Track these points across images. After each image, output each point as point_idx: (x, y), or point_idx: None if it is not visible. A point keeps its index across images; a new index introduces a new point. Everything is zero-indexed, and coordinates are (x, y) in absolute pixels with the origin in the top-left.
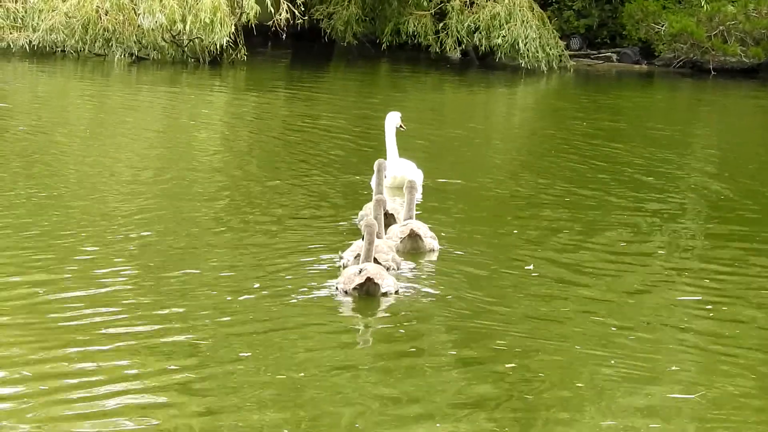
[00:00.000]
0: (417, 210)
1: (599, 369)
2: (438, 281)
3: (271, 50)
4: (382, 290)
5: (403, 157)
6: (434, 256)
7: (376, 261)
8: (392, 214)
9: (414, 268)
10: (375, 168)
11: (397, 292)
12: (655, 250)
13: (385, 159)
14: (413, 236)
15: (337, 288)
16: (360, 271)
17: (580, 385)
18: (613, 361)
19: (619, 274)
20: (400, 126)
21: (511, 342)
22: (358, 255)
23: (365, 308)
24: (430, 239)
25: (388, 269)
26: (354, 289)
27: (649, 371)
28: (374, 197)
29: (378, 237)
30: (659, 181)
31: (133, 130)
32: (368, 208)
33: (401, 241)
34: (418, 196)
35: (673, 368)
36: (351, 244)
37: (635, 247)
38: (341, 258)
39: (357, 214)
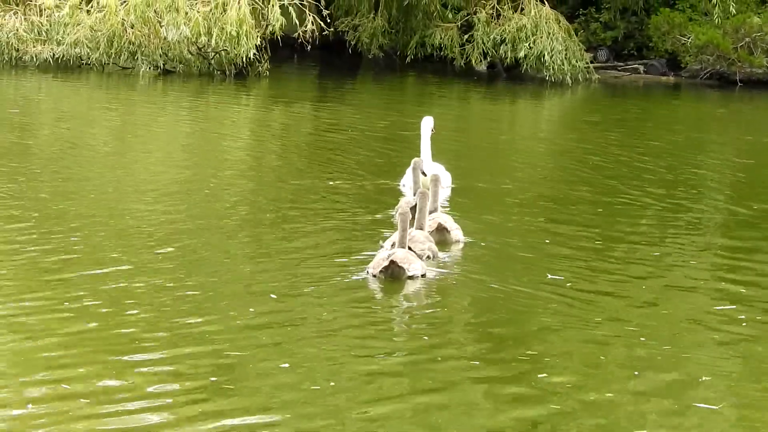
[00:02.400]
0: (447, 208)
1: (627, 376)
2: (464, 269)
3: (298, 62)
4: (408, 273)
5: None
6: (460, 246)
7: (411, 249)
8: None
9: (443, 257)
10: (411, 166)
11: (423, 276)
12: (684, 261)
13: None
14: (440, 230)
15: (367, 272)
16: (388, 256)
17: (609, 395)
18: (636, 372)
19: (648, 283)
20: (432, 130)
21: (533, 341)
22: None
23: (391, 290)
24: (456, 231)
25: (426, 257)
26: (380, 272)
27: (677, 380)
28: (419, 192)
29: (421, 228)
30: (686, 190)
31: (160, 141)
32: (404, 202)
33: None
34: (446, 193)
35: (703, 378)
36: (390, 236)
37: (663, 256)
38: (382, 247)
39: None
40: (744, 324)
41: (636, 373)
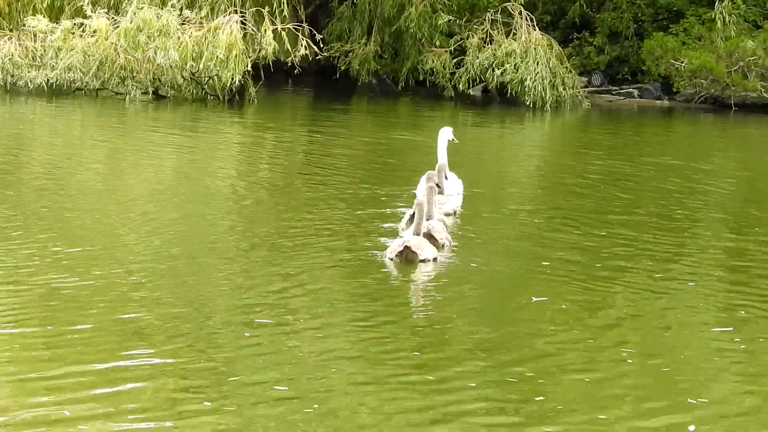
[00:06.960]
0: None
1: (620, 400)
2: (470, 255)
3: (293, 87)
4: (421, 258)
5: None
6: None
7: (432, 237)
8: None
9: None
10: (436, 169)
11: (435, 260)
12: (682, 284)
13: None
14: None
15: (384, 256)
16: (403, 243)
17: (602, 416)
18: (627, 399)
19: (646, 305)
20: (453, 140)
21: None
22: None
23: (405, 272)
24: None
25: (443, 246)
26: (396, 256)
27: (673, 404)
28: (427, 186)
29: (431, 218)
30: (681, 212)
31: (151, 166)
32: (420, 195)
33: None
34: (459, 200)
35: (697, 400)
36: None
37: (663, 278)
38: (401, 236)
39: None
40: (744, 350)
41: (629, 398)
